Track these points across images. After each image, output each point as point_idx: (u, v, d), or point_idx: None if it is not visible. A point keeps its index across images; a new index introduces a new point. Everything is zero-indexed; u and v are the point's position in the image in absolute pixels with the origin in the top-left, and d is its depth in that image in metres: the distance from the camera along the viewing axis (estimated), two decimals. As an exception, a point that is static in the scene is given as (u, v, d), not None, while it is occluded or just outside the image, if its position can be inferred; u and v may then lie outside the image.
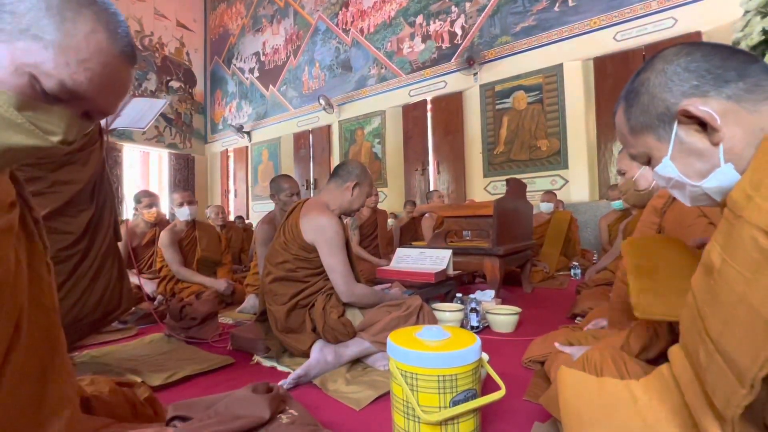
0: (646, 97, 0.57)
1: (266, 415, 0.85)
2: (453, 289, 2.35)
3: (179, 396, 1.23)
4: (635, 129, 0.60)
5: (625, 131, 0.62)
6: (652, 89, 0.56)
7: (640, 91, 0.58)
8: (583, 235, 4.49)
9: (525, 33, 4.88)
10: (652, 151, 0.59)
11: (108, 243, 1.37)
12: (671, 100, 0.54)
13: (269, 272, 1.55)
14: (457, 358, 0.82)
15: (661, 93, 0.55)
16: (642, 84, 0.57)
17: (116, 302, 1.39)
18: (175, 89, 8.41)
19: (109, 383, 0.75)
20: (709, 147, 0.52)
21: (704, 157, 0.53)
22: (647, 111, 0.57)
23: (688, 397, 0.48)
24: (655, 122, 0.56)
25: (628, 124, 0.60)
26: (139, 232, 2.89)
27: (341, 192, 1.61)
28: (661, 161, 0.57)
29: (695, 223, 0.97)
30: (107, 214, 1.38)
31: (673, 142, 0.55)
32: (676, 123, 0.54)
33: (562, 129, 4.62)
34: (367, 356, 1.46)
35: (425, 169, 5.67)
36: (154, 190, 6.31)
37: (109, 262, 1.37)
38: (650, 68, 0.57)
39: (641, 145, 0.60)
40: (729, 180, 0.51)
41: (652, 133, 0.57)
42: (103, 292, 1.34)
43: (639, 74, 0.59)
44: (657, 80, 0.55)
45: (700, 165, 0.54)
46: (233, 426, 0.76)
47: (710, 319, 0.44)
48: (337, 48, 6.78)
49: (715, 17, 3.73)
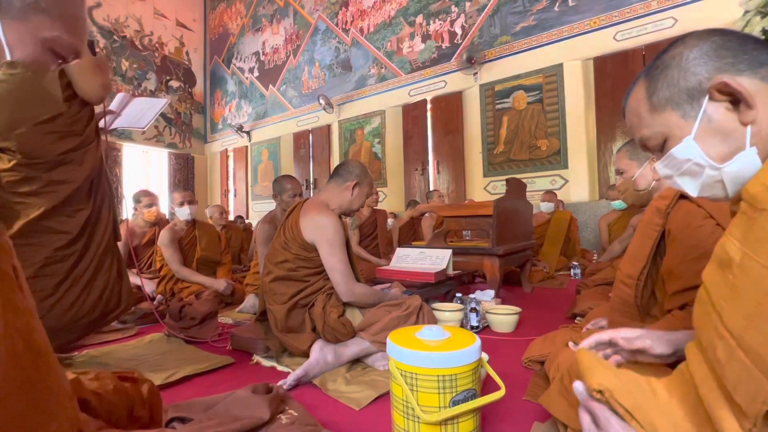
0: (676, 71, 0.54)
1: (266, 416, 0.85)
2: (453, 288, 2.34)
3: (179, 396, 1.23)
4: (657, 106, 0.57)
5: (643, 110, 0.59)
6: (685, 63, 0.54)
7: (669, 65, 0.55)
8: (583, 235, 4.49)
9: (525, 33, 4.88)
10: (673, 130, 0.56)
11: (106, 242, 1.36)
12: (704, 75, 0.52)
13: (269, 271, 1.55)
14: (456, 358, 0.82)
15: (694, 67, 0.53)
16: (673, 58, 0.55)
17: (115, 302, 1.38)
18: (175, 89, 8.40)
19: (114, 380, 0.75)
20: (737, 127, 0.50)
21: (729, 138, 0.51)
22: (675, 85, 0.54)
23: (703, 392, 0.46)
24: (682, 97, 0.54)
25: (649, 101, 0.57)
26: (139, 231, 2.88)
27: (341, 191, 1.61)
28: (681, 141, 0.54)
29: (703, 225, 0.95)
30: (105, 213, 1.38)
31: (700, 120, 0.53)
32: (706, 99, 0.52)
33: (561, 129, 4.62)
34: (367, 356, 1.46)
35: (425, 169, 5.67)
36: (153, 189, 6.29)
37: (107, 261, 1.36)
38: (682, 44, 0.55)
39: (660, 123, 0.57)
40: (750, 166, 0.50)
41: (677, 109, 0.55)
42: (102, 292, 1.34)
43: (667, 51, 0.57)
44: (691, 54, 0.53)
45: (723, 147, 0.52)
46: (233, 427, 0.75)
47: (730, 313, 0.43)
48: (337, 48, 6.78)
49: (715, 17, 3.73)
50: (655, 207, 1.07)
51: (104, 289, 1.34)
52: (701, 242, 0.94)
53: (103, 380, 0.73)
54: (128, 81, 7.50)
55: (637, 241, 1.12)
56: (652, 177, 1.28)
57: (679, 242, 0.98)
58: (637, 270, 1.09)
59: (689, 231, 0.96)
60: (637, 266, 1.09)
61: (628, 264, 1.13)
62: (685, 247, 0.97)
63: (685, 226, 0.98)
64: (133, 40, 7.60)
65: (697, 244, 0.95)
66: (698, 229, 0.95)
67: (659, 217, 1.05)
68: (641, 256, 1.08)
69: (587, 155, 4.48)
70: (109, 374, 0.76)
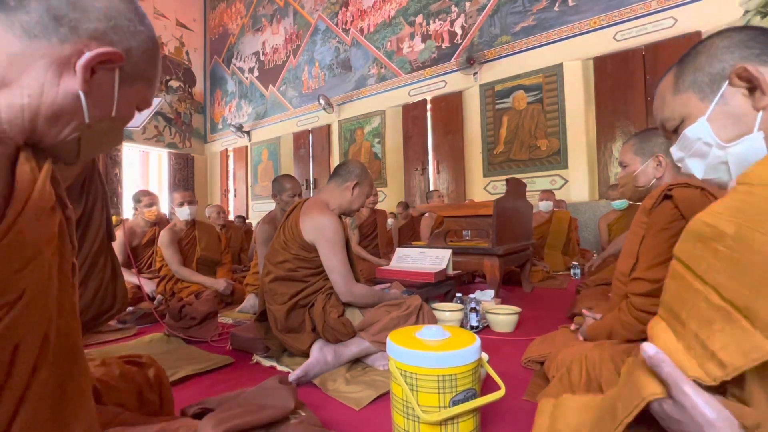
0: (705, 57, 0.60)
1: (292, 405, 0.85)
2: (453, 288, 2.35)
3: (178, 396, 1.23)
4: (680, 88, 0.62)
5: (668, 93, 0.64)
6: (715, 50, 0.59)
7: (700, 52, 0.60)
8: (582, 235, 4.50)
9: (525, 33, 4.88)
10: (690, 110, 0.60)
11: (100, 242, 1.36)
12: (730, 62, 0.57)
13: (269, 272, 1.55)
14: (456, 358, 0.82)
15: (722, 54, 0.58)
16: (705, 46, 0.60)
17: (110, 302, 1.38)
18: (175, 89, 8.40)
19: (120, 366, 0.75)
20: (749, 112, 0.55)
21: (741, 121, 0.55)
22: (701, 69, 0.60)
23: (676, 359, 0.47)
24: (705, 80, 0.59)
25: (675, 84, 0.63)
26: (139, 231, 2.88)
27: (341, 192, 1.61)
28: (696, 121, 0.59)
29: (668, 228, 1.01)
30: (98, 213, 1.37)
31: (716, 102, 0.58)
32: (726, 83, 0.57)
33: (561, 129, 4.62)
34: (367, 356, 1.46)
35: (425, 169, 5.67)
36: (153, 189, 6.31)
37: (101, 261, 1.36)
38: (716, 35, 0.60)
39: (680, 104, 0.62)
40: (755, 149, 0.54)
41: (698, 92, 0.60)
42: (96, 292, 1.33)
43: (703, 41, 0.62)
44: (722, 43, 0.58)
45: (733, 129, 0.56)
46: (261, 416, 0.75)
47: (729, 286, 0.44)
48: (337, 48, 6.78)
49: (715, 17, 3.73)
50: (643, 206, 1.13)
51: (98, 290, 1.33)
52: (659, 243, 1.01)
53: (109, 366, 0.73)
54: (128, 81, 7.49)
55: (628, 240, 1.16)
56: (653, 175, 1.29)
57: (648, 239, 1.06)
58: (628, 267, 1.13)
59: (654, 230, 1.04)
60: (629, 263, 1.13)
61: (622, 261, 1.17)
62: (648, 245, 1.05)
63: (652, 225, 1.06)
64: (133, 40, 7.59)
65: (657, 244, 1.01)
66: (662, 231, 1.02)
67: (645, 216, 1.10)
68: (632, 253, 1.12)
69: (587, 155, 4.48)
70: (115, 359, 0.76)
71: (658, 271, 0.99)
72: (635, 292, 1.04)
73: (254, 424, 0.72)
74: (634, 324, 1.03)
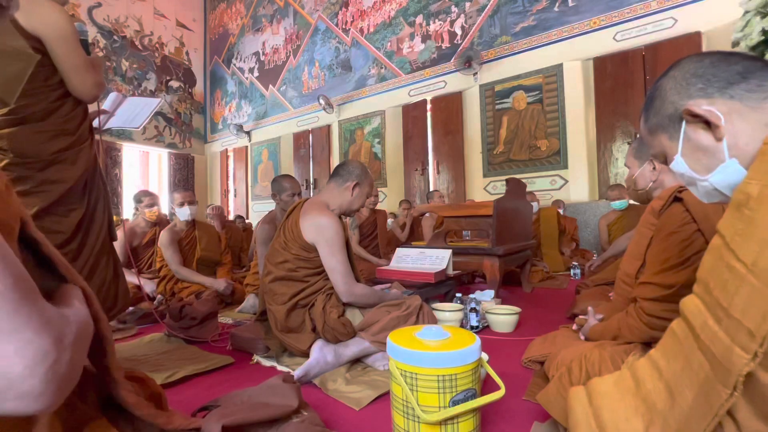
0: (659, 101, 0.63)
1: (295, 404, 0.85)
2: (452, 288, 2.35)
3: (179, 396, 1.24)
4: (651, 130, 0.66)
5: (645, 134, 0.69)
6: (664, 93, 0.62)
7: (654, 96, 0.65)
8: (582, 235, 4.50)
9: (525, 33, 4.88)
10: (666, 150, 0.64)
11: (102, 242, 1.36)
12: (679, 102, 0.60)
13: (269, 272, 1.55)
14: (456, 358, 0.82)
15: (671, 96, 0.61)
16: (657, 90, 0.64)
17: (111, 302, 1.38)
18: (175, 89, 8.40)
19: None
20: (713, 143, 0.57)
21: (709, 152, 0.58)
22: (659, 113, 0.63)
23: (705, 335, 0.47)
24: (666, 122, 0.63)
25: (646, 126, 0.68)
26: (140, 231, 2.88)
27: (341, 192, 1.61)
28: (674, 158, 0.63)
29: (678, 232, 0.98)
30: (100, 213, 1.37)
31: (682, 140, 0.61)
32: (684, 122, 0.60)
33: (561, 129, 4.62)
34: (367, 356, 1.46)
35: (425, 169, 5.67)
36: (153, 189, 6.32)
37: (103, 261, 1.36)
38: (665, 76, 0.63)
39: (657, 144, 0.66)
40: (734, 174, 0.55)
41: (665, 132, 0.63)
42: (98, 292, 1.33)
43: (656, 82, 0.65)
44: (668, 85, 0.62)
45: (707, 160, 0.58)
46: (264, 413, 0.75)
47: (744, 245, 0.45)
48: (337, 48, 6.78)
49: (714, 17, 3.73)
50: (652, 207, 1.12)
51: (100, 290, 1.33)
52: (670, 246, 0.99)
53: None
54: (128, 81, 7.49)
55: (635, 240, 1.15)
56: (650, 177, 1.29)
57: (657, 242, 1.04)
58: (635, 268, 1.12)
59: (664, 233, 1.02)
60: (635, 264, 1.12)
61: (627, 263, 1.17)
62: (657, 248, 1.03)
63: (662, 228, 1.04)
64: (133, 40, 7.60)
65: (667, 248, 0.99)
66: (672, 234, 1.00)
67: (655, 217, 1.10)
68: (638, 255, 1.11)
69: (587, 155, 4.48)
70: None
71: (669, 276, 0.96)
72: (645, 297, 1.00)
73: (257, 420, 0.72)
74: (643, 329, 0.99)
